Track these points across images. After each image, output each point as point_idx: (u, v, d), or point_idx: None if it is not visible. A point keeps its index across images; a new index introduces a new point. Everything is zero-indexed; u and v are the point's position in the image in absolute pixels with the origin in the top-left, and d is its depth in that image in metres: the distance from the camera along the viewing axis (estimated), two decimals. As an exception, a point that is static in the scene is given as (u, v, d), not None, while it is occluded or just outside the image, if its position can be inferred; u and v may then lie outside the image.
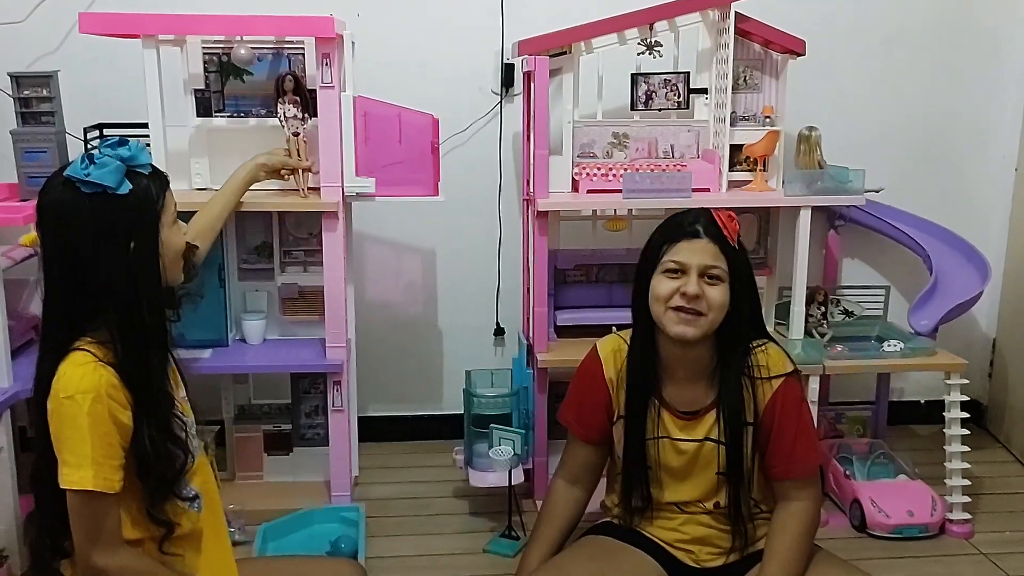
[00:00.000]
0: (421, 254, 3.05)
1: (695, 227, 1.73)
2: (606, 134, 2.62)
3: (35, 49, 2.72)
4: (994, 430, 3.19)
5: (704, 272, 1.71)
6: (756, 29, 2.51)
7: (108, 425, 1.41)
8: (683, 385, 1.81)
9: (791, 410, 1.78)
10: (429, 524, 2.55)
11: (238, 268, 2.60)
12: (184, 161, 2.43)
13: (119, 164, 1.42)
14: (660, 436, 1.82)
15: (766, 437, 1.78)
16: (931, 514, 2.46)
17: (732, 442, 1.77)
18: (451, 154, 2.84)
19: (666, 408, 1.82)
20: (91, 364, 1.42)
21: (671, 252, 1.74)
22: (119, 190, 1.42)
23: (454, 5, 2.86)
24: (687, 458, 1.81)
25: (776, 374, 1.78)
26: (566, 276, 2.71)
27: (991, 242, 3.11)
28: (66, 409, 1.40)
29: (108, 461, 1.41)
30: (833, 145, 2.70)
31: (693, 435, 1.80)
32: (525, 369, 2.65)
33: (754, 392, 1.78)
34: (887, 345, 2.60)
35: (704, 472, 1.81)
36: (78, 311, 1.45)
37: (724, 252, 1.72)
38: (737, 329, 1.77)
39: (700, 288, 1.70)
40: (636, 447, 1.83)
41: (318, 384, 2.63)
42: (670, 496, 1.85)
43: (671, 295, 1.72)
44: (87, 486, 1.39)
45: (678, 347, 1.77)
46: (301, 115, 2.35)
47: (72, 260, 1.43)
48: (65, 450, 1.41)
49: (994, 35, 3.06)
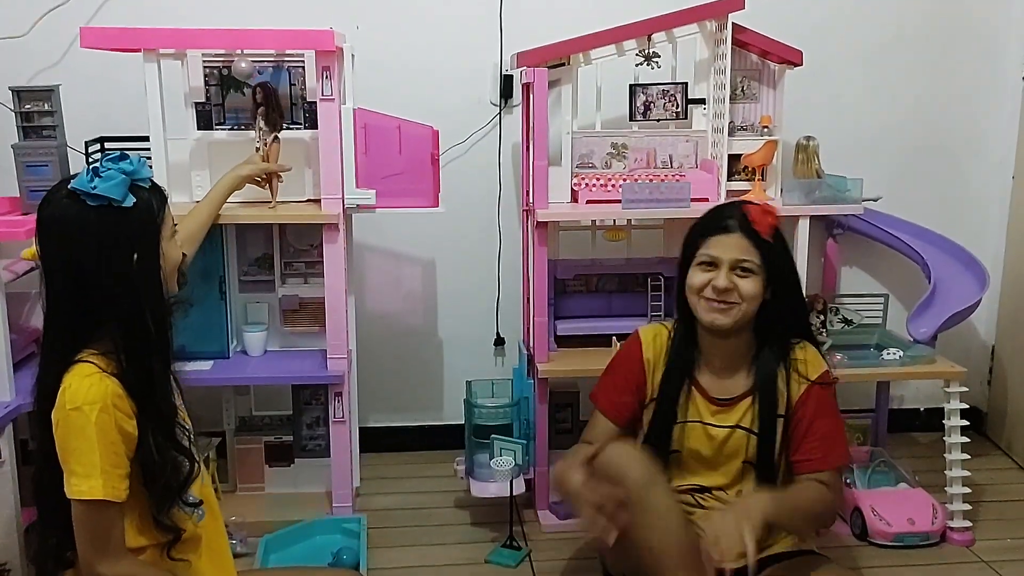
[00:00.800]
0: (421, 265, 3.05)
1: (727, 222, 1.81)
2: (605, 145, 2.63)
3: (36, 63, 2.73)
4: (994, 437, 3.20)
5: (735, 265, 1.78)
6: (753, 40, 2.53)
7: (114, 435, 1.43)
8: (720, 373, 1.89)
9: (826, 407, 1.85)
10: (431, 535, 2.55)
11: (239, 280, 2.60)
12: (185, 173, 2.44)
13: (124, 178, 1.45)
14: (691, 420, 1.88)
15: (796, 431, 1.83)
16: (932, 522, 2.46)
17: (764, 432, 1.83)
18: (451, 165, 2.86)
19: (701, 393, 1.89)
20: (97, 375, 1.43)
21: (705, 246, 1.82)
22: (124, 203, 1.45)
23: (453, 17, 2.88)
24: (716, 444, 1.87)
25: (815, 371, 1.85)
26: (566, 286, 2.71)
27: (989, 250, 3.12)
28: (73, 420, 1.41)
29: (115, 470, 1.43)
30: (831, 154, 2.72)
31: (725, 421, 1.86)
32: (526, 379, 2.66)
33: (789, 386, 1.84)
34: (886, 353, 2.61)
35: (731, 460, 1.87)
36: (81, 323, 1.47)
37: (756, 246, 1.79)
38: (777, 321, 1.84)
39: (730, 281, 1.78)
40: (662, 429, 1.89)
41: (319, 395, 2.64)
42: (693, 479, 1.89)
43: (704, 286, 1.81)
44: (97, 495, 1.41)
45: (714, 335, 1.85)
46: (271, 127, 2.36)
47: (76, 272, 1.45)
48: (73, 460, 1.42)
49: (989, 44, 3.08)
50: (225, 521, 2.36)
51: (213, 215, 2.27)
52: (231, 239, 2.56)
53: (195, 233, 2.20)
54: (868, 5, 3.01)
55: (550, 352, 2.59)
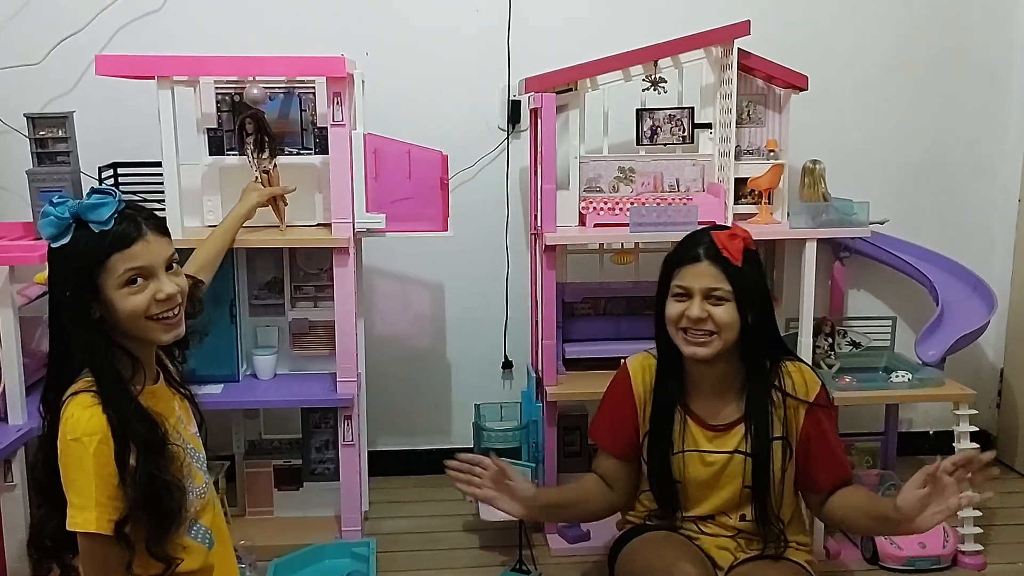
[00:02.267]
0: (430, 288, 3.07)
1: (696, 251, 1.81)
2: (612, 169, 2.65)
3: (51, 90, 2.77)
4: (1005, 460, 3.18)
5: (707, 294, 1.79)
6: (759, 65, 2.55)
7: (112, 467, 1.42)
8: (711, 399, 1.89)
9: (828, 425, 1.88)
10: (440, 558, 2.54)
11: (249, 304, 2.63)
12: (197, 198, 2.47)
13: (52, 218, 1.45)
14: (687, 449, 1.89)
15: (810, 452, 1.86)
16: (943, 545, 2.45)
17: (759, 455, 1.83)
18: (459, 189, 2.88)
19: (695, 421, 1.89)
20: (96, 407, 1.44)
21: (677, 277, 1.83)
22: (53, 243, 1.47)
23: (461, 44, 2.91)
24: (714, 470, 1.87)
25: (811, 391, 1.87)
26: (574, 309, 2.72)
27: (996, 272, 3.13)
28: (72, 451, 1.42)
29: (111, 503, 1.43)
30: (837, 178, 2.73)
31: (722, 447, 1.87)
32: (534, 402, 2.66)
33: (785, 408, 1.85)
34: (895, 376, 2.61)
35: (730, 485, 1.87)
36: (65, 355, 1.51)
37: (726, 273, 1.78)
38: (758, 345, 1.85)
39: (704, 310, 1.78)
40: (660, 461, 1.90)
41: (328, 419, 2.64)
42: (695, 510, 1.90)
43: (679, 318, 1.82)
44: (90, 528, 1.41)
45: (698, 365, 1.85)
46: (267, 154, 2.38)
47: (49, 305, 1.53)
48: (72, 492, 1.43)
49: (995, 67, 3.10)
50: (234, 545, 2.37)
51: (228, 244, 2.28)
52: (242, 263, 2.59)
53: (211, 260, 2.21)
54: (873, 31, 3.04)
55: (558, 375, 2.59)
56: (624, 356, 2.45)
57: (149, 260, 1.49)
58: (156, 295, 1.49)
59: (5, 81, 2.72)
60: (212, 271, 2.21)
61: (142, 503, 1.45)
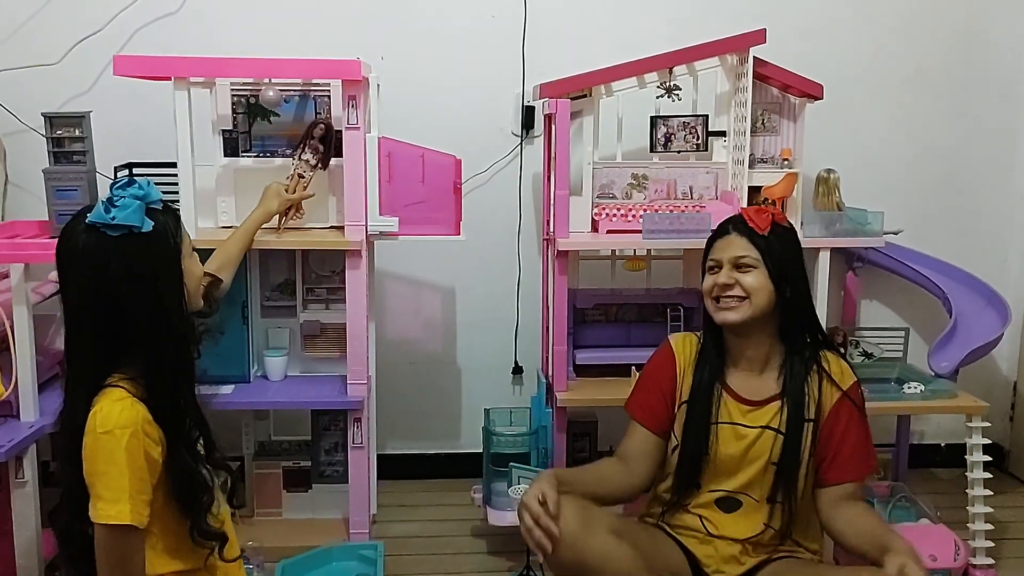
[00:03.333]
0: (441, 292, 3.07)
1: (726, 226, 1.94)
2: (625, 175, 2.65)
3: (68, 90, 2.79)
4: (1017, 473, 3.16)
5: (734, 263, 1.88)
6: (774, 73, 2.55)
7: (142, 461, 1.44)
8: (748, 374, 1.93)
9: (857, 419, 1.89)
10: (447, 563, 2.54)
11: (261, 305, 2.63)
12: (211, 199, 2.48)
13: (139, 203, 1.48)
14: (723, 422, 1.91)
15: (829, 443, 1.87)
16: (954, 559, 2.43)
17: (791, 433, 1.86)
18: (472, 194, 2.88)
19: (731, 395, 1.93)
20: (128, 400, 1.45)
21: (711, 252, 1.95)
22: (143, 228, 1.48)
23: (476, 48, 2.92)
24: (745, 444, 1.89)
25: (847, 380, 1.90)
26: (585, 315, 2.72)
27: (1010, 285, 3.11)
28: (103, 444, 1.42)
29: (140, 496, 1.44)
30: (852, 187, 2.73)
31: (756, 422, 1.89)
32: (544, 408, 2.65)
33: (821, 391, 1.89)
34: (907, 387, 2.59)
35: (757, 460, 1.88)
36: (108, 350, 1.49)
37: (753, 242, 1.88)
38: (796, 321, 1.91)
39: (731, 277, 1.87)
40: (698, 431, 1.91)
41: (338, 421, 2.65)
42: (718, 483, 1.91)
43: (711, 288, 1.91)
44: (124, 520, 1.41)
45: (737, 336, 1.92)
46: (315, 163, 2.40)
47: (104, 301, 1.47)
48: (100, 485, 1.43)
49: (1011, 78, 3.09)
50: (242, 546, 2.37)
51: (247, 245, 2.29)
52: (254, 264, 2.59)
53: (231, 259, 2.22)
54: (890, 40, 3.03)
55: (569, 381, 2.59)
56: (635, 363, 2.47)
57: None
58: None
59: (23, 81, 2.75)
60: (232, 270, 2.22)
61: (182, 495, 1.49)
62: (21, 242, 2.26)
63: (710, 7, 2.91)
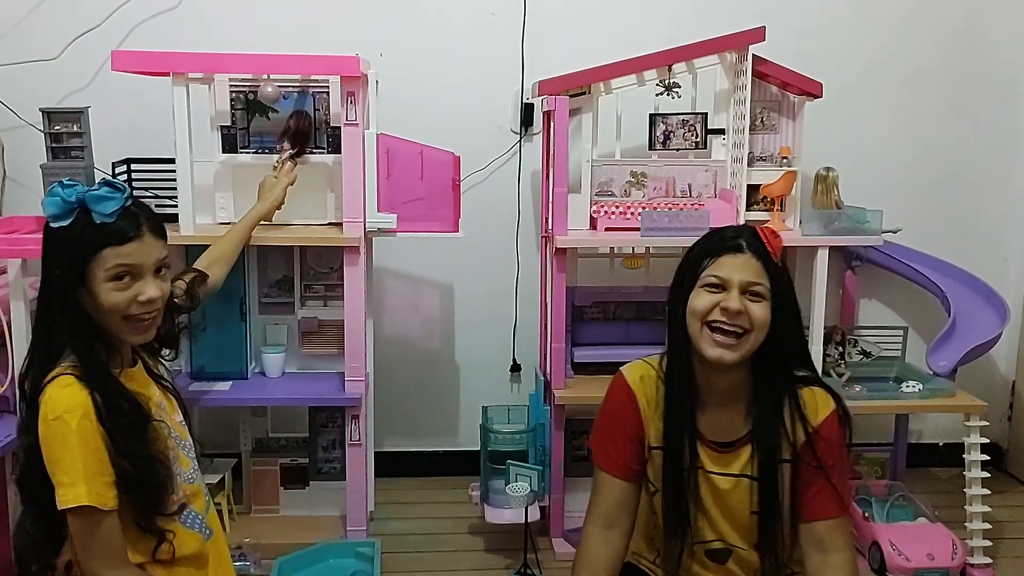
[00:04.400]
0: (439, 289, 3.07)
1: (738, 241, 1.63)
2: (624, 173, 2.65)
3: (67, 85, 2.79)
4: (1016, 473, 3.16)
5: (746, 288, 1.59)
6: (773, 71, 2.55)
7: (97, 441, 1.43)
8: (716, 412, 1.70)
9: (833, 449, 1.66)
10: (444, 560, 2.54)
11: (259, 302, 2.63)
12: (209, 195, 2.47)
13: (57, 199, 1.46)
14: (696, 468, 1.71)
15: (801, 477, 1.65)
16: (952, 558, 2.43)
17: (766, 480, 1.65)
18: (471, 191, 2.88)
19: (699, 438, 1.70)
20: (75, 385, 1.44)
21: (713, 267, 1.62)
22: (52, 223, 1.48)
23: (475, 46, 2.91)
24: (723, 494, 1.70)
25: (819, 415, 1.66)
26: (584, 313, 2.72)
27: (1009, 284, 3.11)
28: (54, 430, 1.42)
29: (100, 477, 1.42)
30: (850, 185, 2.72)
31: (729, 469, 1.69)
32: (542, 406, 2.65)
33: (794, 429, 1.65)
34: (905, 386, 2.59)
35: (737, 510, 1.69)
36: (48, 333, 1.51)
37: (767, 269, 1.61)
38: (775, 355, 1.65)
39: (742, 304, 1.59)
40: (677, 478, 1.70)
41: (336, 418, 2.64)
42: (713, 535, 1.73)
43: (710, 309, 1.60)
44: (82, 501, 1.40)
45: (713, 371, 1.66)
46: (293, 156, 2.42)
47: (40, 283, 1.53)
48: (59, 471, 1.42)
49: (1011, 77, 3.09)
50: (239, 543, 2.37)
51: (245, 240, 2.25)
52: (252, 261, 2.59)
53: (226, 255, 2.17)
54: (890, 40, 3.03)
55: (567, 379, 2.59)
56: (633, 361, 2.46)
57: (139, 260, 1.50)
58: (138, 296, 1.50)
59: (21, 76, 2.75)
60: (226, 266, 2.18)
61: (128, 478, 1.46)
62: (19, 237, 2.25)
63: (710, 7, 2.91)
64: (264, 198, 2.32)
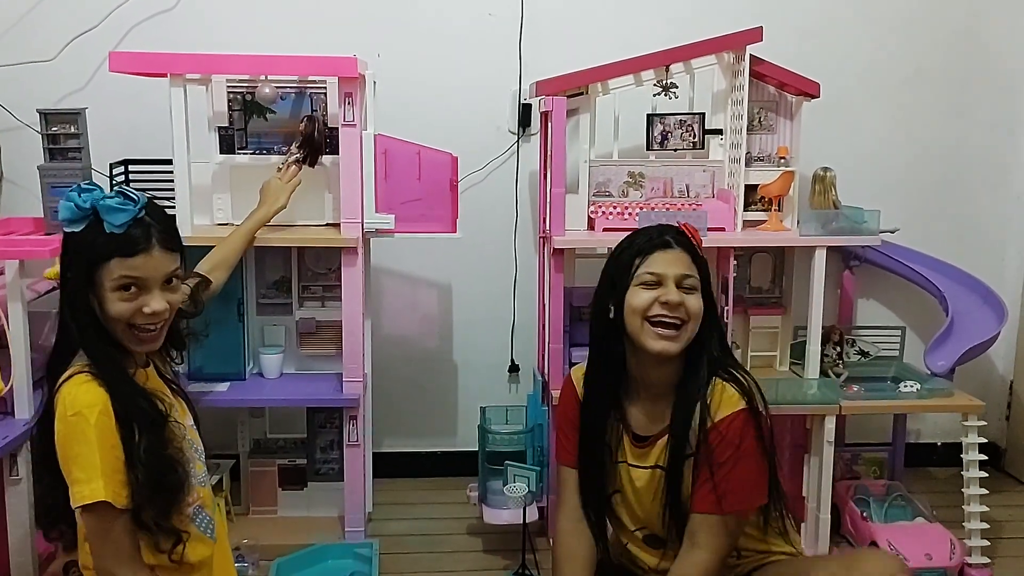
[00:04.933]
0: (437, 290, 3.07)
1: (666, 238, 1.73)
2: (622, 173, 2.65)
3: (64, 86, 2.79)
4: (1014, 472, 3.16)
5: (680, 282, 1.69)
6: (771, 71, 2.54)
7: (115, 439, 1.43)
8: (644, 405, 1.77)
9: (725, 445, 1.67)
10: (443, 561, 2.54)
11: (257, 302, 2.63)
12: (207, 196, 2.47)
13: (72, 206, 1.47)
14: (620, 461, 1.79)
15: (697, 473, 1.69)
16: (950, 557, 2.43)
17: (672, 471, 1.71)
18: (469, 192, 2.88)
19: (627, 431, 1.78)
20: (93, 382, 1.45)
21: (645, 264, 1.71)
22: (67, 228, 1.49)
23: (472, 46, 2.91)
24: (639, 485, 1.76)
25: (725, 410, 1.68)
26: (581, 313, 2.71)
27: (1007, 284, 3.11)
28: (73, 425, 1.42)
29: (116, 475, 1.43)
30: (848, 186, 2.72)
31: (645, 462, 1.76)
32: (540, 406, 2.65)
33: (702, 422, 1.69)
34: (903, 386, 2.59)
35: (655, 501, 1.75)
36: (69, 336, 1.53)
37: (695, 261, 1.72)
38: (700, 344, 1.72)
39: (680, 296, 1.68)
40: (592, 469, 1.79)
41: (334, 419, 2.64)
42: (631, 524, 1.80)
43: (650, 305, 1.68)
44: (99, 497, 1.40)
45: (650, 364, 1.73)
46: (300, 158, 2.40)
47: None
48: (76, 468, 1.42)
49: (1010, 77, 3.09)
50: (237, 544, 2.37)
51: (247, 244, 2.27)
52: (250, 262, 2.59)
53: (228, 259, 2.19)
54: (888, 39, 3.03)
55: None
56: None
57: (147, 273, 1.50)
58: (143, 308, 1.50)
59: (19, 77, 2.74)
60: (228, 270, 2.20)
61: (147, 477, 1.46)
62: (16, 239, 2.25)
63: (709, 7, 2.91)
64: (268, 202, 2.32)
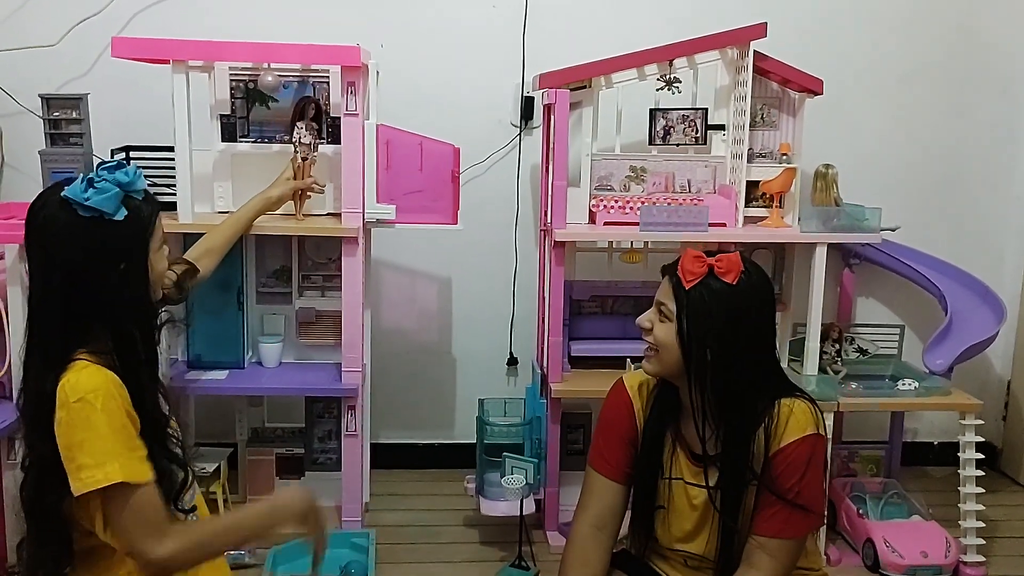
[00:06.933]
0: (437, 281, 3.07)
1: (671, 264, 1.72)
2: (624, 167, 2.65)
3: (66, 72, 2.78)
4: (1010, 472, 3.17)
5: (658, 307, 1.69)
6: (774, 68, 2.54)
7: (124, 418, 1.40)
8: (687, 425, 1.74)
9: (791, 470, 1.63)
10: (439, 552, 2.54)
11: (256, 291, 2.63)
12: (208, 184, 2.47)
13: (117, 191, 1.43)
14: (675, 477, 1.75)
15: (761, 495, 1.65)
16: (945, 555, 2.44)
17: (727, 494, 1.67)
18: (470, 184, 2.88)
19: (682, 448, 1.74)
20: (94, 367, 1.41)
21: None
22: (115, 216, 1.43)
23: (476, 38, 2.91)
24: (695, 504, 1.72)
25: (785, 438, 1.63)
26: (581, 307, 2.72)
27: (1006, 283, 3.11)
28: (77, 412, 1.37)
29: (133, 452, 1.39)
30: (850, 184, 2.72)
31: (702, 481, 1.71)
32: (538, 399, 2.66)
33: (767, 446, 1.64)
34: (902, 384, 2.59)
35: (708, 524, 1.71)
36: (71, 325, 1.44)
37: (675, 291, 1.66)
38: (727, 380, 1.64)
39: (649, 320, 1.70)
40: (646, 483, 1.76)
41: (332, 409, 2.65)
42: (680, 544, 1.76)
43: None
44: (114, 479, 1.36)
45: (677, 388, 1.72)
46: (313, 142, 2.38)
47: (64, 275, 1.43)
48: (82, 454, 1.37)
49: (1009, 76, 3.09)
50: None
51: (239, 232, 2.26)
52: (250, 250, 2.59)
53: (218, 247, 2.19)
54: (889, 38, 3.03)
55: (564, 373, 2.59)
56: (630, 356, 2.47)
57: None
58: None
59: (21, 62, 2.74)
60: (217, 258, 2.18)
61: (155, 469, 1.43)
62: (17, 223, 2.24)
63: (711, 6, 2.90)
64: (265, 192, 2.31)
